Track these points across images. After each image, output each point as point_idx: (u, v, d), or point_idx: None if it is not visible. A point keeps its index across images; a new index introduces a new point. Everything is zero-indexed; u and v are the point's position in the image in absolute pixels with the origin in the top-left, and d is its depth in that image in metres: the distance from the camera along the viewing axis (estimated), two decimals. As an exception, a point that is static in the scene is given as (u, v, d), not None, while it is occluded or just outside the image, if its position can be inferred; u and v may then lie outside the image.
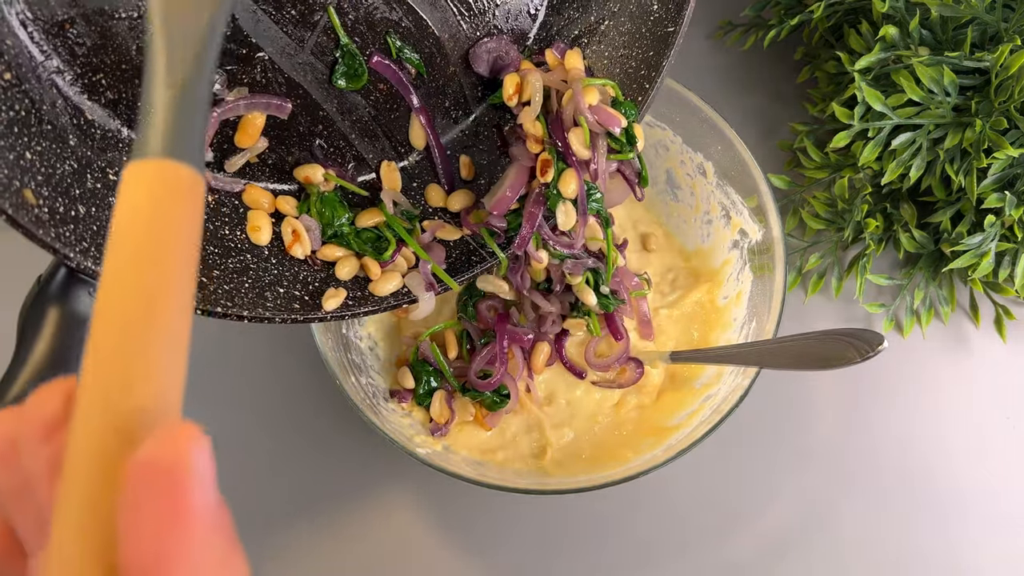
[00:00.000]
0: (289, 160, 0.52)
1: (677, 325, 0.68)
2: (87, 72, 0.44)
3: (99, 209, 0.44)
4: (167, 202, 0.26)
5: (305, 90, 0.50)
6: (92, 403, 0.24)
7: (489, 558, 0.65)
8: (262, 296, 0.49)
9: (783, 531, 0.65)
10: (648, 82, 0.53)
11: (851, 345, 0.53)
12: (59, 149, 0.43)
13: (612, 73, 0.54)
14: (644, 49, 0.53)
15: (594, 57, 0.54)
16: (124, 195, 0.27)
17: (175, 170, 0.27)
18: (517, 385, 0.63)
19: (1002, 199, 0.63)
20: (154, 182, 0.27)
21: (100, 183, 0.44)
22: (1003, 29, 0.63)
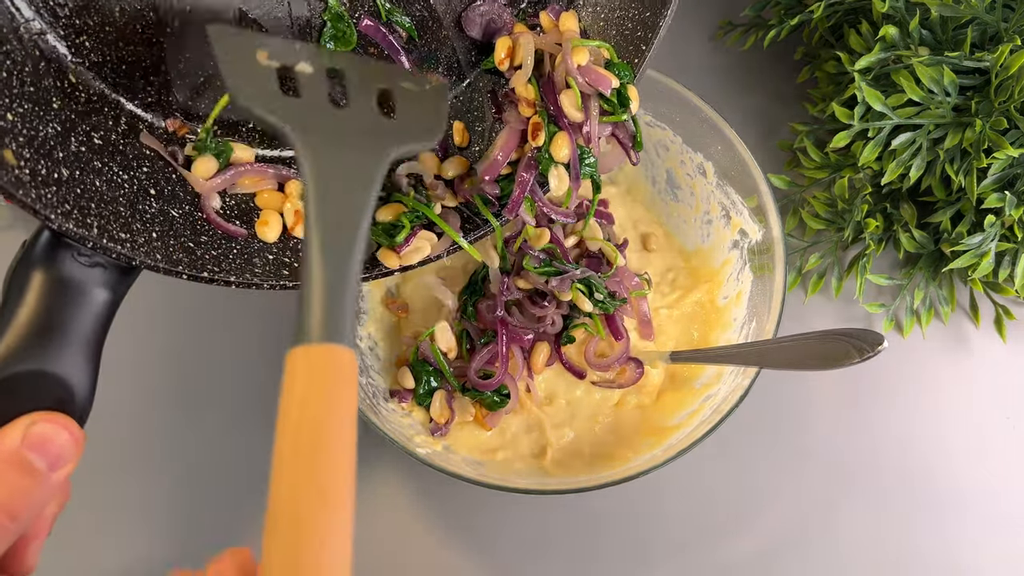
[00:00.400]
0: None
1: (677, 325, 0.68)
2: (70, 34, 0.44)
3: (83, 173, 0.43)
4: (333, 385, 0.30)
5: None
6: None
7: (489, 558, 0.65)
8: (250, 262, 0.49)
9: (783, 531, 0.65)
10: (644, 43, 0.52)
11: (851, 345, 0.53)
12: (42, 112, 0.42)
13: (607, 34, 0.54)
14: (640, 9, 0.52)
15: (590, 18, 0.54)
16: (292, 379, 0.30)
17: (337, 353, 0.30)
18: (517, 385, 0.63)
19: (1002, 199, 0.63)
20: (319, 366, 0.30)
21: (84, 146, 0.44)
22: (1003, 29, 0.63)
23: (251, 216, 0.51)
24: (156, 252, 0.45)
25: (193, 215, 0.48)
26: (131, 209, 0.45)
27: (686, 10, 0.84)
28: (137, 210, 0.45)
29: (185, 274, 0.46)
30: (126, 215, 0.44)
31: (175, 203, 0.48)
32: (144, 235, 0.45)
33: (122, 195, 0.45)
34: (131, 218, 0.45)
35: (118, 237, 0.43)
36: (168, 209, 0.47)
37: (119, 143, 0.46)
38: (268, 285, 0.49)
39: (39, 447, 0.38)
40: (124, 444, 0.67)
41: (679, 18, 0.82)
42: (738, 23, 0.82)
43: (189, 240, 0.47)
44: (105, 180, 0.45)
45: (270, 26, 0.48)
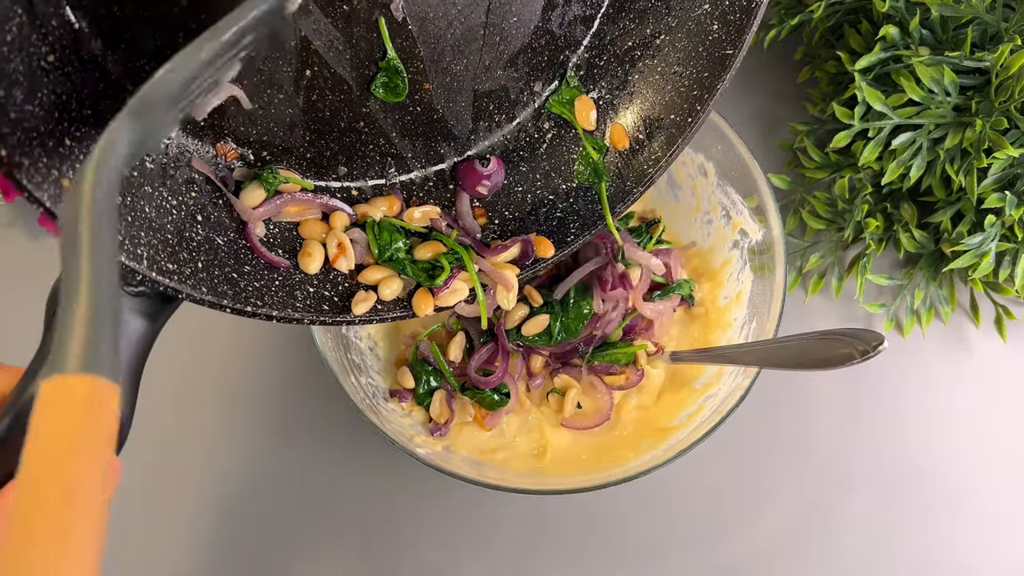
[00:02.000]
0: (327, 155, 0.51)
1: (677, 325, 0.68)
2: (130, 56, 0.43)
3: (134, 199, 0.43)
4: (86, 415, 0.26)
5: (349, 85, 0.49)
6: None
7: (489, 558, 0.65)
8: (292, 295, 0.49)
9: (783, 531, 0.65)
10: (699, 103, 0.51)
11: (851, 345, 0.52)
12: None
13: (663, 90, 0.53)
14: (699, 69, 0.51)
15: (647, 71, 0.53)
16: (42, 410, 0.26)
17: (93, 383, 0.27)
18: (517, 385, 0.63)
19: (1002, 199, 0.63)
20: (72, 397, 0.27)
21: (136, 171, 0.44)
22: (1003, 29, 0.63)
23: (293, 246, 0.51)
24: (202, 284, 0.45)
25: (237, 243, 0.48)
26: (178, 237, 0.45)
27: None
28: (184, 238, 0.45)
29: (229, 307, 0.46)
30: (173, 243, 0.44)
31: (220, 230, 0.47)
32: (191, 265, 0.45)
33: (170, 222, 0.45)
34: (178, 247, 0.45)
35: (166, 269, 0.43)
36: (214, 237, 0.47)
37: (169, 167, 0.46)
38: (308, 320, 0.49)
39: None
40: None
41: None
42: (738, 23, 0.82)
43: (233, 271, 0.47)
44: (155, 207, 0.44)
45: (328, 59, 0.48)
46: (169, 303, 0.44)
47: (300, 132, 0.50)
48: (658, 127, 0.53)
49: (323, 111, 0.49)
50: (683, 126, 0.52)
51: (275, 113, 0.48)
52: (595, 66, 0.54)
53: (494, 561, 0.65)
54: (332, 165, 0.52)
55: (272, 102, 0.48)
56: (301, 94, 0.48)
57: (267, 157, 0.50)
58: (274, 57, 0.47)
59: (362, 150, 0.52)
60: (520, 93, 0.53)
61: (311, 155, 0.51)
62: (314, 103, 0.49)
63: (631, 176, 0.54)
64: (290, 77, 0.47)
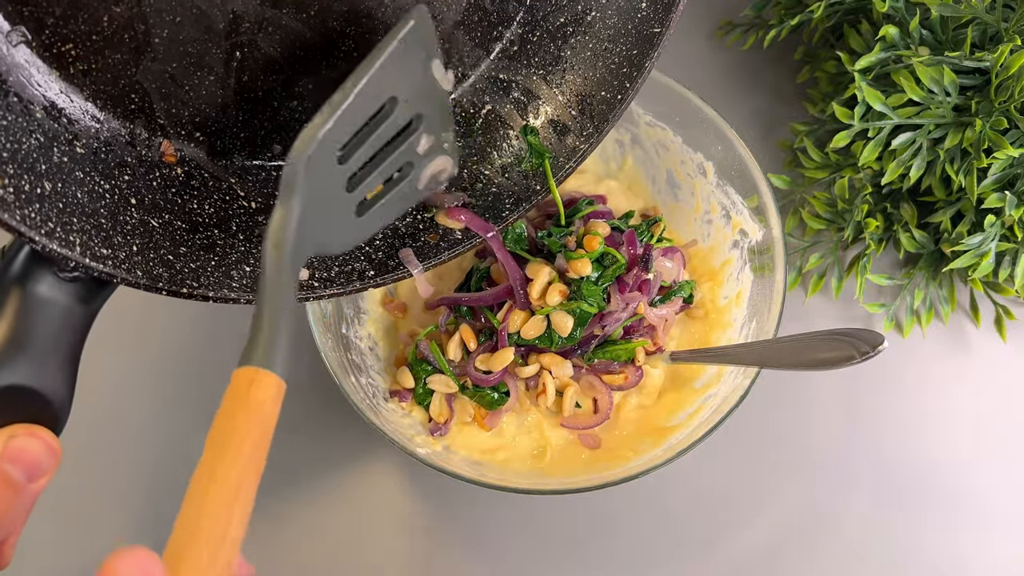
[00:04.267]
0: (261, 134, 0.52)
1: (677, 325, 0.68)
2: (56, 42, 0.43)
3: (65, 185, 0.43)
4: (261, 398, 0.36)
5: (281, 65, 0.50)
6: None
7: (488, 558, 0.65)
8: (228, 275, 0.49)
9: (783, 531, 0.65)
10: (630, 80, 0.52)
11: (851, 345, 0.52)
12: (25, 122, 0.42)
13: (595, 67, 0.54)
14: (629, 47, 0.52)
15: (579, 47, 0.54)
16: (231, 389, 0.36)
17: (270, 378, 0.36)
18: (517, 384, 0.63)
19: (1002, 199, 0.63)
20: (255, 384, 0.36)
21: (67, 156, 0.44)
22: (1003, 29, 0.63)
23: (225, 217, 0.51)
24: (137, 268, 0.45)
25: (173, 224, 0.48)
26: (112, 221, 0.45)
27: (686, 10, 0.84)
28: (118, 221, 0.45)
29: (165, 290, 0.46)
30: (107, 227, 0.44)
31: (155, 212, 0.47)
32: (125, 249, 0.44)
33: (103, 206, 0.45)
34: (112, 231, 0.44)
35: (100, 254, 0.43)
36: (149, 219, 0.47)
37: (101, 151, 0.46)
38: (245, 300, 0.49)
39: (18, 459, 0.39)
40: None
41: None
42: (738, 23, 0.82)
43: (168, 253, 0.47)
44: (87, 191, 0.44)
45: (259, 40, 0.48)
46: (105, 286, 0.44)
47: (233, 112, 0.50)
48: (590, 103, 0.54)
49: (255, 91, 0.50)
50: (613, 103, 0.53)
51: (206, 95, 0.49)
52: (528, 42, 0.55)
53: (494, 561, 0.64)
54: (267, 144, 0.52)
55: (203, 83, 0.48)
56: (232, 75, 0.49)
57: (200, 138, 0.50)
58: (203, 39, 0.47)
59: (297, 129, 0.52)
60: (455, 67, 0.54)
61: (245, 135, 0.51)
62: (245, 83, 0.49)
63: (564, 151, 0.55)
64: (220, 59, 0.48)
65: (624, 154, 0.71)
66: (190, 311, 0.71)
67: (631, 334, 0.64)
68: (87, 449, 0.66)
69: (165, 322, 0.72)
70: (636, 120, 0.68)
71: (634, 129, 0.69)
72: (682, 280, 0.67)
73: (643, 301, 0.63)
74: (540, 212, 0.70)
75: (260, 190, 0.52)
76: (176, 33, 0.46)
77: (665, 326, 0.65)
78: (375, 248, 0.53)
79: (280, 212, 0.41)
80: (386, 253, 0.53)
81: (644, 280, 0.63)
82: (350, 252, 0.53)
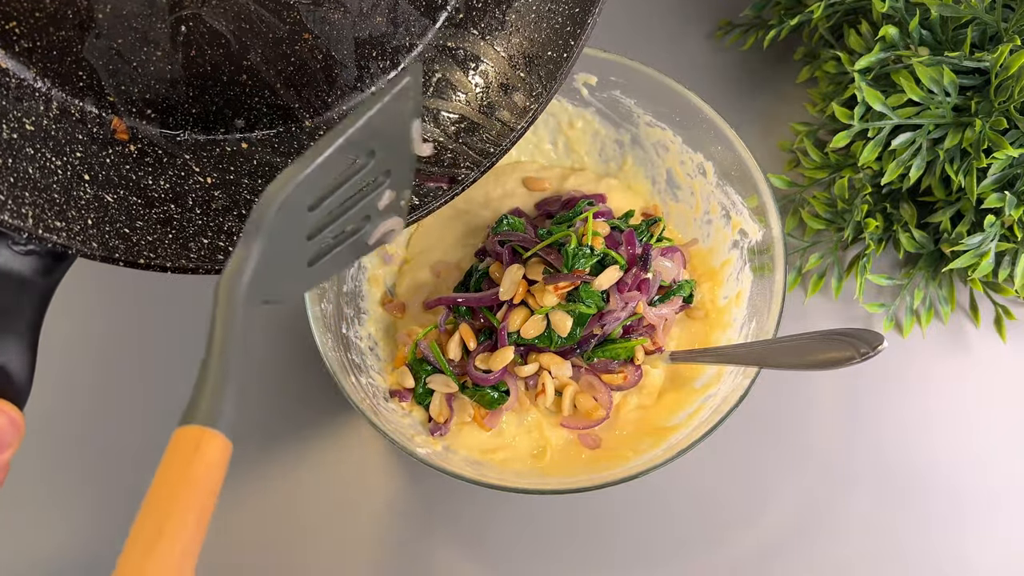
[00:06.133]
0: (213, 109, 0.52)
1: (677, 325, 0.68)
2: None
3: (15, 160, 0.43)
4: (207, 462, 0.33)
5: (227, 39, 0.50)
6: None
7: (489, 558, 0.65)
8: (185, 247, 0.49)
9: (783, 531, 0.65)
10: (574, 38, 0.53)
11: (851, 345, 0.53)
12: None
13: (539, 28, 0.55)
14: (570, 5, 0.53)
15: (523, 10, 0.55)
16: (171, 451, 0.34)
17: (217, 439, 0.34)
18: (517, 384, 0.63)
19: (1002, 199, 0.63)
20: (201, 447, 0.33)
21: (16, 133, 0.44)
22: (1003, 29, 0.63)
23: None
24: (92, 240, 0.45)
25: (128, 200, 0.48)
26: (65, 196, 0.45)
27: (686, 10, 0.84)
28: (72, 196, 0.45)
29: (121, 261, 0.46)
30: (60, 202, 0.45)
31: (109, 188, 0.47)
32: (80, 223, 0.45)
33: (56, 182, 0.45)
34: (66, 205, 0.45)
35: (53, 226, 0.43)
36: (103, 195, 0.47)
37: (51, 128, 0.46)
38: (204, 270, 0.49)
39: None
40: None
41: (679, 18, 0.83)
42: (738, 23, 0.82)
43: (125, 226, 0.47)
44: (38, 167, 0.44)
45: (203, 14, 0.49)
46: (62, 259, 0.44)
47: (182, 88, 0.50)
48: (537, 64, 0.55)
49: (203, 66, 0.50)
50: (560, 61, 0.54)
51: (155, 71, 0.49)
52: (473, 8, 0.55)
53: (494, 561, 0.65)
54: (219, 119, 0.52)
55: (151, 59, 0.49)
56: (179, 50, 0.49)
57: (151, 115, 0.50)
58: (146, 14, 0.47)
59: (248, 103, 0.52)
60: (402, 38, 0.55)
61: (196, 111, 0.51)
62: (193, 58, 0.50)
63: (516, 111, 0.56)
64: (166, 34, 0.48)
65: (624, 154, 0.71)
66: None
67: (630, 333, 0.64)
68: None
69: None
70: (636, 120, 0.68)
71: (634, 129, 0.69)
72: (682, 280, 0.67)
73: (642, 300, 0.63)
74: (540, 210, 0.70)
75: (216, 165, 0.52)
76: (119, 8, 0.47)
77: (665, 326, 0.65)
78: None
79: (240, 255, 0.39)
80: None
81: (643, 279, 0.63)
82: None
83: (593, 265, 0.62)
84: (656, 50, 0.79)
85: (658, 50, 0.80)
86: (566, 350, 0.62)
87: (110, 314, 0.72)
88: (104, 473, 0.66)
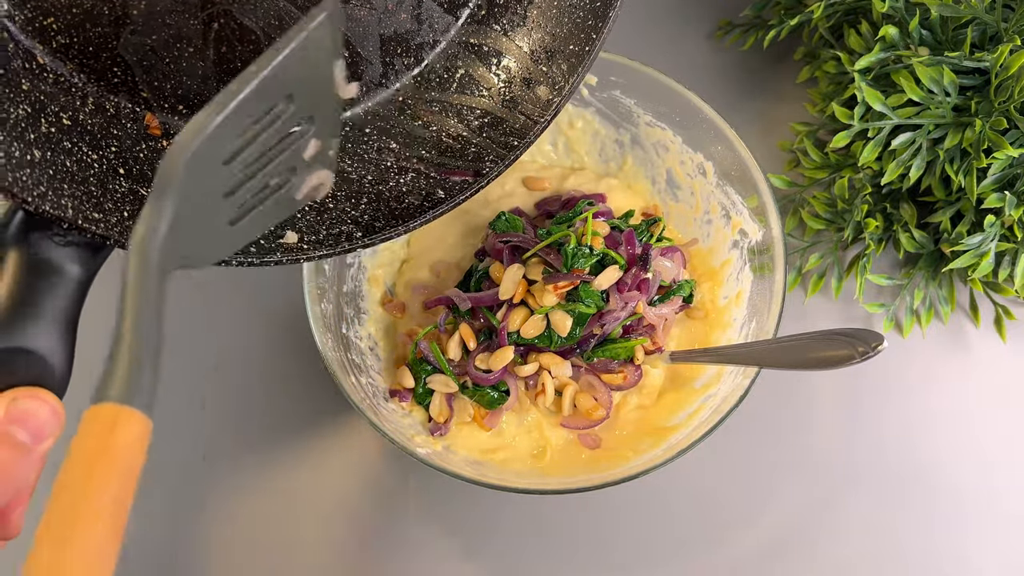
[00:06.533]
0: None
1: (677, 325, 0.68)
2: (37, 16, 0.45)
3: (54, 153, 0.44)
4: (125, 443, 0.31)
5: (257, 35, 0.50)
6: None
7: (489, 558, 0.65)
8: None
9: (783, 531, 0.65)
10: (596, 32, 0.54)
11: (851, 345, 0.53)
12: (12, 94, 0.43)
13: (561, 22, 0.55)
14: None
15: (544, 5, 0.56)
16: (83, 432, 0.31)
17: (134, 416, 0.31)
18: (517, 383, 0.63)
19: (1002, 199, 0.63)
20: (118, 426, 0.31)
21: (55, 127, 0.45)
22: (1003, 29, 0.63)
23: None
24: (128, 231, 0.45)
25: None
26: (102, 189, 0.45)
27: (686, 10, 0.84)
28: (108, 190, 0.46)
29: None
30: (98, 195, 0.45)
31: (144, 182, 0.48)
32: (116, 214, 0.45)
33: (92, 175, 0.45)
34: (103, 198, 0.45)
35: (92, 217, 0.44)
36: (138, 188, 0.47)
37: (87, 123, 0.47)
38: (237, 262, 0.49)
39: (22, 421, 0.39)
40: None
41: (679, 18, 0.83)
42: (738, 23, 0.82)
43: None
44: (75, 160, 0.45)
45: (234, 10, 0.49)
46: (100, 251, 0.45)
47: (214, 84, 0.50)
48: (559, 58, 0.56)
49: (233, 62, 0.50)
50: (581, 55, 0.55)
51: (187, 67, 0.49)
52: (495, 4, 0.56)
53: (494, 561, 0.65)
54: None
55: (183, 55, 0.49)
56: (210, 47, 0.49)
57: (183, 110, 0.50)
58: (179, 11, 0.48)
59: None
60: (426, 35, 0.55)
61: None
62: (224, 55, 0.50)
63: (539, 104, 0.56)
64: (198, 30, 0.49)
65: (624, 154, 0.71)
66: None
67: (630, 333, 0.64)
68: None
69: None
70: (636, 120, 0.68)
71: (634, 129, 0.69)
72: (682, 280, 0.67)
73: (642, 300, 0.63)
74: (540, 210, 0.70)
75: None
76: (153, 5, 0.47)
77: (665, 325, 0.65)
78: (361, 212, 0.54)
79: (150, 214, 0.36)
80: (371, 216, 0.53)
81: (643, 279, 0.63)
82: (336, 215, 0.53)
83: (593, 265, 0.62)
84: (656, 50, 0.79)
85: (658, 50, 0.80)
86: (566, 350, 0.62)
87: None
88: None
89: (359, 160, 0.54)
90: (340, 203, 0.53)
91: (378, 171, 0.55)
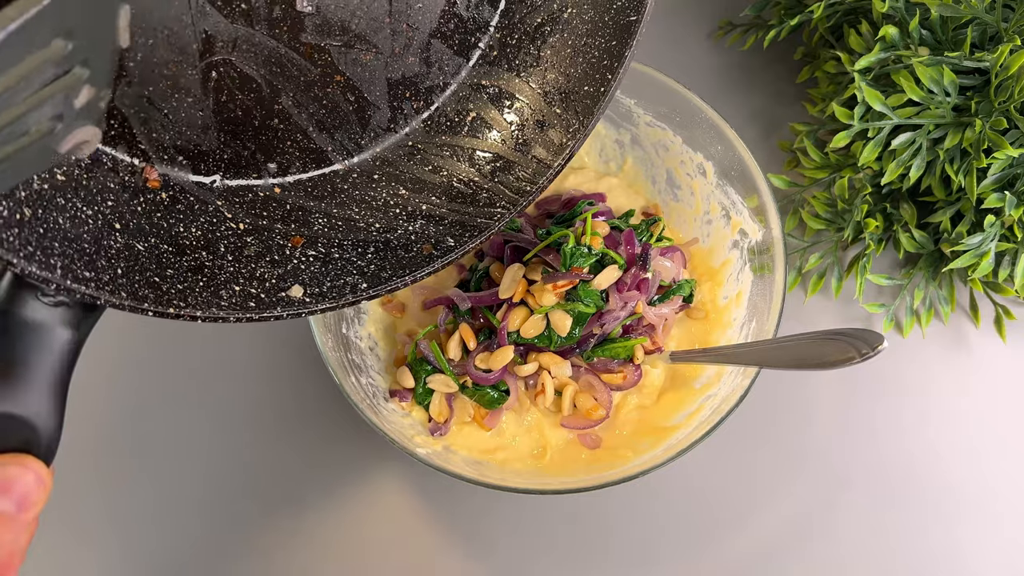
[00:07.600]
0: (245, 154, 0.51)
1: (677, 325, 0.68)
2: None
3: (46, 211, 0.43)
4: None
5: (258, 84, 0.49)
6: None
7: (489, 558, 0.65)
8: (216, 295, 0.48)
9: (783, 531, 0.65)
10: (611, 72, 0.52)
11: (851, 345, 0.52)
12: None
13: (575, 63, 0.54)
14: (607, 38, 0.52)
15: (558, 45, 0.54)
16: None
17: None
18: (517, 383, 0.63)
19: (1002, 199, 0.63)
20: None
21: (47, 184, 0.43)
22: (1003, 29, 0.63)
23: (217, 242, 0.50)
24: (121, 290, 0.44)
25: (159, 248, 0.47)
26: (95, 245, 0.44)
27: (686, 10, 0.84)
28: (102, 246, 0.44)
29: (151, 311, 0.45)
30: (90, 252, 0.44)
31: (140, 236, 0.47)
32: (109, 272, 0.44)
33: (86, 231, 0.44)
34: (96, 255, 0.44)
35: (82, 276, 0.42)
36: (134, 243, 0.46)
37: (82, 178, 0.46)
38: (235, 318, 0.48)
39: (6, 490, 0.39)
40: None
41: (679, 18, 0.83)
42: (738, 23, 0.82)
43: (155, 275, 0.46)
44: (69, 217, 0.44)
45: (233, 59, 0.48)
46: (92, 311, 0.44)
47: (214, 133, 0.49)
48: (573, 99, 0.54)
49: (234, 111, 0.49)
50: (597, 96, 0.53)
51: (186, 117, 0.48)
52: (507, 46, 0.54)
53: (494, 561, 0.65)
54: (251, 164, 0.51)
55: (182, 106, 0.48)
56: (210, 96, 0.48)
57: (183, 161, 0.49)
58: (177, 61, 0.47)
59: (280, 147, 0.51)
60: (436, 78, 0.54)
61: (228, 156, 0.50)
62: (224, 104, 0.49)
63: (552, 148, 0.55)
64: (196, 80, 0.48)
65: (624, 154, 0.71)
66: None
67: (630, 333, 0.64)
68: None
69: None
70: (636, 120, 0.68)
71: (634, 129, 0.69)
72: (682, 279, 0.67)
73: (641, 300, 0.63)
74: (539, 210, 0.70)
75: (248, 211, 0.51)
76: (150, 56, 0.46)
77: (664, 325, 0.65)
78: (367, 262, 0.53)
79: None
80: (378, 266, 0.52)
81: (642, 279, 0.63)
82: (342, 265, 0.52)
83: (592, 264, 0.62)
84: (656, 50, 0.79)
85: (658, 50, 0.80)
86: (566, 350, 0.62)
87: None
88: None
89: (367, 207, 0.53)
90: (347, 252, 0.52)
91: (386, 219, 0.53)
